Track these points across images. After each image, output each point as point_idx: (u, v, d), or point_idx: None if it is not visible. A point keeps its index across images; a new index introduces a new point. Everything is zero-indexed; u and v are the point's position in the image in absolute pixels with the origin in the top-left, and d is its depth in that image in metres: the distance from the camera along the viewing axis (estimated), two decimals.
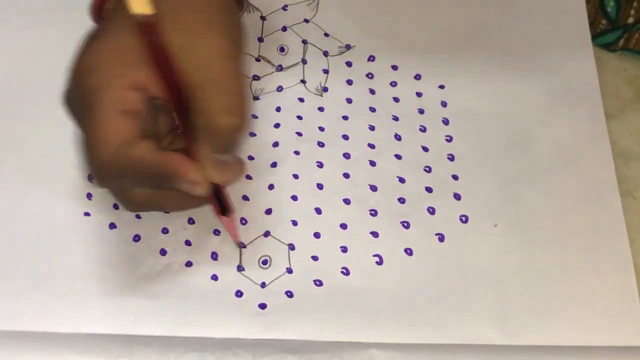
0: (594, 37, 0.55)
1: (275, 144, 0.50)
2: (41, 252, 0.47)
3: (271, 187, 0.49)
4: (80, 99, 0.39)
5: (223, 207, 0.44)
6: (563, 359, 0.44)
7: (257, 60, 0.54)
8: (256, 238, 0.47)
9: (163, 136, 0.42)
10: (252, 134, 0.51)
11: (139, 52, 0.38)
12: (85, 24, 0.53)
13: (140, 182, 0.40)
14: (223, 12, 0.42)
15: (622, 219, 0.49)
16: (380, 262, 0.47)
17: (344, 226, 0.48)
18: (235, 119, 0.39)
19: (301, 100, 0.52)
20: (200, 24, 0.40)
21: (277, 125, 0.51)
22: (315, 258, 0.47)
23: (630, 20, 0.55)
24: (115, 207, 0.48)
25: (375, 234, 0.48)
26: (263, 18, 0.55)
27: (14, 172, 0.49)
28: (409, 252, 0.48)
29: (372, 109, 0.52)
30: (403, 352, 0.44)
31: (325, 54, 0.54)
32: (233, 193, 0.48)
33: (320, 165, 0.50)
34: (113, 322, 0.45)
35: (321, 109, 0.52)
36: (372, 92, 0.53)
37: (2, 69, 0.52)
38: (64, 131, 0.49)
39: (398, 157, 0.51)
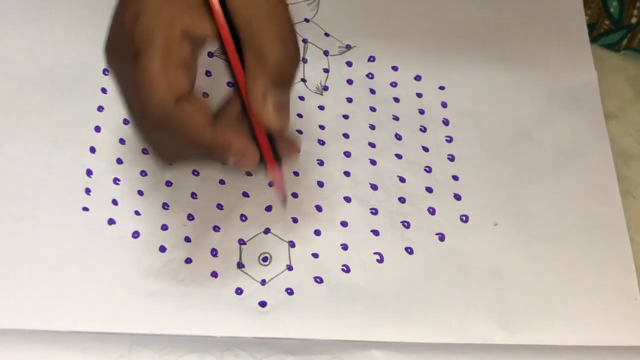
0: (597, 37, 0.56)
1: None
2: (39, 249, 0.46)
3: (271, 184, 0.49)
4: (126, 43, 0.37)
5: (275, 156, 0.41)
6: (563, 358, 0.44)
7: None
8: (256, 235, 0.47)
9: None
10: None
11: None
12: (86, 20, 0.53)
13: (182, 144, 0.38)
14: None
15: (622, 218, 0.49)
16: (381, 260, 0.47)
17: (344, 224, 0.48)
18: (288, 47, 0.37)
19: (301, 98, 0.52)
20: None
21: None
22: (315, 255, 0.47)
23: (634, 20, 0.56)
24: (114, 202, 0.48)
25: (375, 232, 0.48)
26: None
27: (12, 169, 0.48)
28: (409, 250, 0.47)
29: (373, 109, 0.52)
30: (403, 353, 0.44)
31: (326, 53, 0.54)
32: (233, 190, 0.48)
33: (321, 163, 0.50)
34: (112, 319, 0.44)
35: (321, 108, 0.52)
36: (372, 92, 0.53)
37: (2, 67, 0.52)
38: (63, 127, 0.50)
39: (399, 156, 0.51)
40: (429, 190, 0.50)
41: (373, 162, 0.50)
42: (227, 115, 0.40)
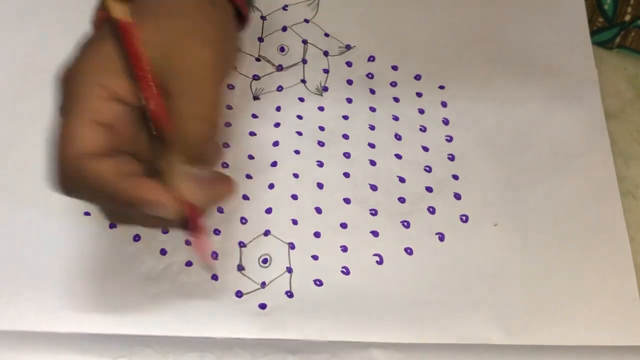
0: (591, 35, 0.55)
1: (276, 144, 0.50)
2: (41, 252, 0.46)
3: (271, 186, 0.49)
4: (61, 104, 0.39)
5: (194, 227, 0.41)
6: (563, 358, 0.44)
7: (257, 60, 0.54)
8: (256, 237, 0.47)
9: (145, 155, 0.41)
10: (252, 134, 0.51)
11: (120, 61, 0.38)
12: (85, 24, 0.53)
13: (98, 199, 0.39)
14: (213, 24, 0.41)
15: (622, 218, 0.49)
16: (380, 262, 0.47)
17: (344, 225, 0.48)
18: (204, 126, 0.38)
19: (301, 100, 0.52)
20: (185, 32, 0.39)
21: (277, 125, 0.51)
22: (315, 257, 0.47)
23: (627, 17, 0.55)
24: None
25: (375, 233, 0.48)
26: (263, 18, 0.55)
27: (14, 172, 0.49)
28: (409, 251, 0.48)
29: (372, 109, 0.52)
30: (403, 352, 0.44)
31: (326, 54, 0.54)
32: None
33: (321, 164, 0.50)
34: (113, 322, 0.45)
35: (321, 109, 0.52)
36: (372, 92, 0.53)
37: (2, 69, 0.52)
38: None
39: (398, 156, 0.51)
40: (429, 189, 0.50)
41: (373, 163, 0.50)
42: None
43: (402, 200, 0.49)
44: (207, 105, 0.39)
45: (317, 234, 0.48)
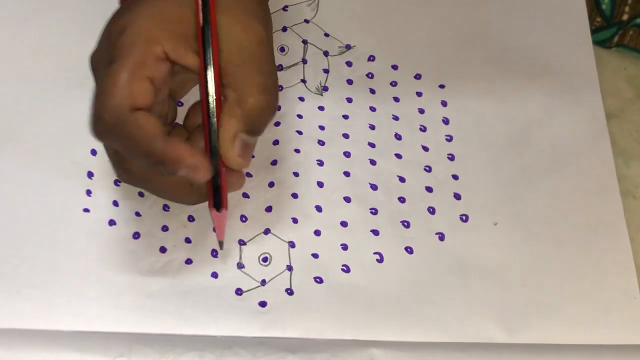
0: None
1: (276, 142, 0.50)
2: (40, 250, 0.46)
3: (271, 184, 0.49)
4: (107, 55, 0.39)
5: (219, 200, 0.42)
6: (563, 357, 0.44)
7: None
8: (256, 235, 0.47)
9: (165, 124, 0.42)
10: None
11: (177, 22, 0.39)
12: (86, 23, 0.53)
13: (134, 153, 0.39)
14: (259, 1, 0.43)
15: (622, 218, 0.49)
16: (380, 260, 0.47)
17: (344, 224, 0.48)
18: (268, 98, 0.40)
19: (301, 99, 0.52)
20: (240, 8, 0.41)
21: (277, 124, 0.51)
22: (315, 255, 0.47)
23: (625, 17, 0.55)
24: (115, 203, 0.48)
25: (375, 232, 0.48)
26: None
27: (13, 170, 0.49)
28: (409, 250, 0.48)
29: (372, 109, 0.52)
30: (403, 351, 0.44)
31: (326, 53, 0.54)
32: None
33: (321, 163, 0.50)
34: (112, 319, 0.44)
35: (321, 108, 0.52)
36: (372, 91, 0.53)
37: (3, 69, 0.52)
38: (64, 129, 0.50)
39: (398, 156, 0.51)
40: (429, 189, 0.50)
41: (373, 162, 0.50)
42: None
43: (402, 200, 0.49)
44: (270, 79, 0.41)
45: (317, 232, 0.48)
